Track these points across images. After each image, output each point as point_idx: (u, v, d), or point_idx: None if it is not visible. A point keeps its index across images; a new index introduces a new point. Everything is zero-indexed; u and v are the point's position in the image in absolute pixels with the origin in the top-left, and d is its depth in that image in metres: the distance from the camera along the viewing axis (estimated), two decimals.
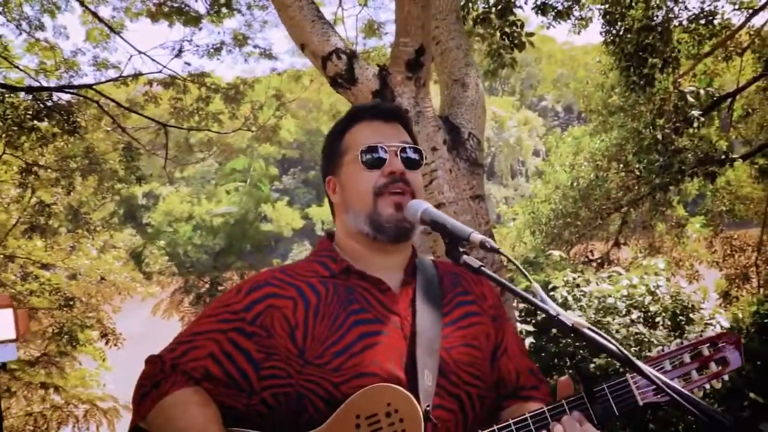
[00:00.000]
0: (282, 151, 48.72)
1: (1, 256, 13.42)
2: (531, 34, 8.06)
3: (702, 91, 9.94)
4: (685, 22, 9.72)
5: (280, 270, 1.65)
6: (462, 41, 4.49)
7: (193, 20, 11.65)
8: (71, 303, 13.73)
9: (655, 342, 5.00)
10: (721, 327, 5.27)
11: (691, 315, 5.36)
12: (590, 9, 9.76)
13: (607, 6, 9.14)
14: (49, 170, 12.58)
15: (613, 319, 5.29)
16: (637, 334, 5.10)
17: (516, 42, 7.98)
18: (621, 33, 9.14)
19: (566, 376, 1.47)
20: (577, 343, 5.24)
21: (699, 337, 1.57)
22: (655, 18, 9.13)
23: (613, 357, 1.21)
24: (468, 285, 1.71)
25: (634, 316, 5.41)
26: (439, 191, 3.78)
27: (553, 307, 1.27)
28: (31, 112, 10.66)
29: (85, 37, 12.47)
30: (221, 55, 12.63)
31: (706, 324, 5.27)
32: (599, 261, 13.55)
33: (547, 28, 9.38)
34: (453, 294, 1.66)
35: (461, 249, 1.45)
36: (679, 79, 10.49)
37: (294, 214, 47.21)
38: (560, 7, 8.97)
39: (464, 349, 1.57)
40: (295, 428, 1.46)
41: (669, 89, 10.04)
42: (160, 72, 12.18)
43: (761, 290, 12.39)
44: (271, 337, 1.51)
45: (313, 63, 4.08)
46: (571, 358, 5.07)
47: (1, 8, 11.19)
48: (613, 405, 1.46)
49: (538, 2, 8.64)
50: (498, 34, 8.05)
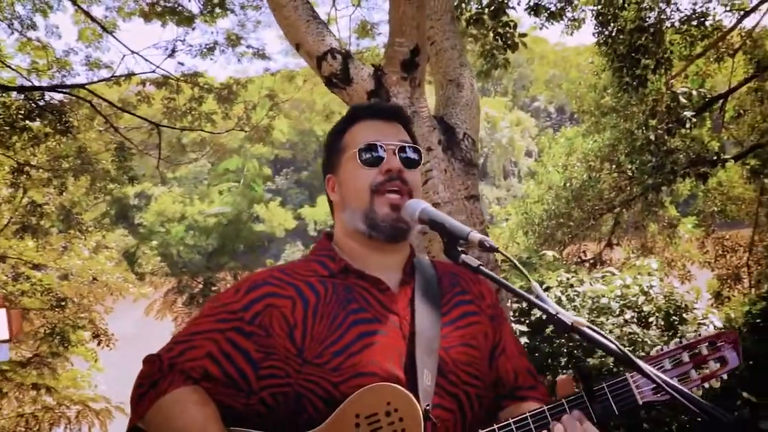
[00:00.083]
0: (275, 152, 48.55)
1: None
2: (524, 35, 8.08)
3: (694, 92, 9.99)
4: (677, 24, 9.75)
5: (278, 269, 1.65)
6: (457, 41, 4.50)
7: (186, 20, 11.63)
8: (63, 303, 13.67)
9: (649, 342, 5.02)
10: (714, 327, 5.29)
11: (684, 315, 5.38)
12: (583, 10, 9.78)
13: (599, 7, 9.17)
14: (41, 170, 12.51)
15: (607, 319, 5.31)
16: (630, 333, 5.12)
17: (509, 43, 8.00)
18: (614, 34, 9.17)
19: (566, 375, 1.47)
20: (571, 343, 5.26)
21: (697, 336, 1.57)
22: (647, 19, 9.16)
23: (613, 356, 1.22)
24: (466, 285, 1.71)
25: (627, 316, 5.43)
26: (434, 191, 3.78)
27: (553, 306, 1.28)
28: (23, 112, 10.61)
29: (77, 37, 12.42)
30: (214, 55, 12.62)
31: (699, 324, 5.29)
32: (592, 261, 13.59)
33: (540, 29, 9.41)
34: (451, 294, 1.66)
35: (459, 248, 1.45)
36: (672, 80, 10.52)
37: (286, 214, 47.07)
38: (553, 8, 9.01)
39: (463, 348, 1.58)
40: (294, 428, 1.45)
41: (661, 90, 10.06)
42: (153, 72, 12.16)
43: (753, 290, 12.44)
44: (270, 336, 1.51)
45: (308, 63, 4.07)
46: (570, 358, 5.09)
47: None
48: (613, 404, 1.46)
49: (531, 3, 8.67)
50: (491, 34, 8.06)
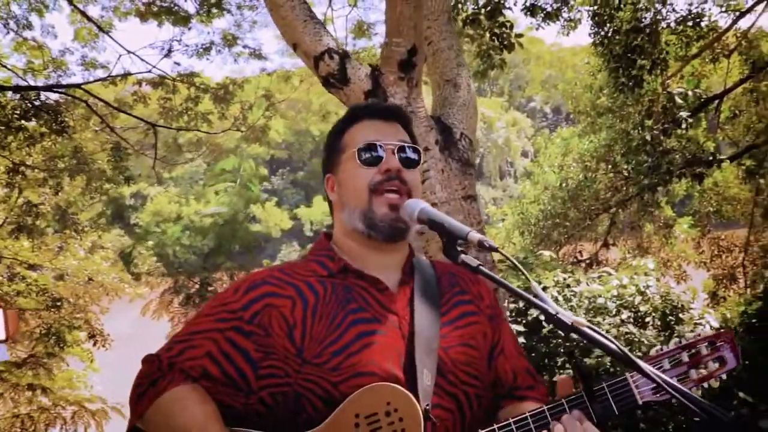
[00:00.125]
0: (270, 152, 48.56)
1: None
2: (520, 35, 8.08)
3: (690, 93, 10.01)
4: (672, 24, 9.78)
5: (278, 269, 1.65)
6: (454, 42, 4.50)
7: (182, 20, 11.60)
8: (59, 304, 13.61)
9: (646, 342, 5.02)
10: (711, 327, 5.30)
11: (680, 315, 5.39)
12: (579, 10, 9.80)
13: (595, 8, 9.18)
14: (36, 170, 12.47)
15: (604, 319, 5.32)
16: (627, 333, 5.12)
17: (505, 43, 8.00)
18: (609, 34, 9.18)
19: (566, 374, 1.47)
20: (568, 343, 5.26)
21: (696, 337, 1.57)
22: (643, 20, 9.18)
23: (613, 356, 1.22)
24: (465, 285, 1.71)
25: (624, 316, 5.43)
26: (431, 191, 3.79)
27: (552, 306, 1.28)
28: (18, 112, 10.58)
29: (73, 37, 12.37)
30: (211, 55, 12.59)
31: (695, 324, 5.30)
32: (588, 261, 13.60)
33: (536, 29, 9.42)
34: (451, 294, 1.66)
35: (459, 248, 1.45)
36: (668, 81, 10.54)
37: (282, 214, 47.07)
38: (549, 9, 9.01)
39: (462, 348, 1.58)
40: (294, 428, 1.45)
41: (657, 91, 10.08)
42: (149, 72, 12.11)
43: (748, 290, 12.47)
44: (269, 336, 1.51)
45: (305, 63, 4.07)
46: (571, 358, 5.09)
47: None
48: (613, 404, 1.46)
49: (527, 3, 8.68)
50: (487, 35, 8.06)
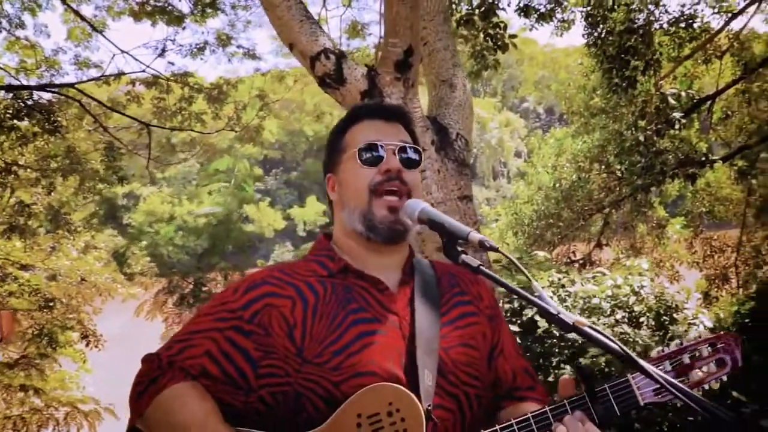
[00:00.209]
0: (264, 152, 48.48)
1: None
2: (514, 36, 8.10)
3: (683, 94, 10.05)
4: (665, 25, 9.80)
5: (278, 269, 1.65)
6: (449, 42, 4.52)
7: (176, 20, 11.58)
8: (51, 304, 13.52)
9: (640, 342, 5.04)
10: (705, 327, 5.32)
11: (674, 315, 5.41)
12: (572, 11, 9.82)
13: (589, 9, 9.21)
14: (29, 170, 12.38)
15: (598, 319, 5.32)
16: (621, 333, 5.13)
17: (499, 44, 8.02)
18: (603, 35, 9.20)
19: (567, 375, 1.47)
20: (563, 343, 5.27)
21: (697, 338, 1.58)
22: (636, 21, 9.20)
23: (615, 356, 1.22)
24: (465, 285, 1.72)
25: (618, 316, 5.44)
26: (428, 191, 3.80)
27: (554, 306, 1.28)
28: (11, 111, 10.50)
29: (66, 36, 12.34)
30: (204, 54, 12.56)
31: (689, 324, 5.32)
32: (581, 262, 13.63)
33: (530, 30, 9.44)
34: (450, 294, 1.67)
35: (459, 248, 1.46)
36: (661, 82, 10.58)
37: (276, 214, 46.99)
38: (543, 10, 9.04)
39: (462, 349, 1.58)
40: (294, 427, 1.45)
41: (650, 91, 10.11)
42: (142, 71, 12.09)
43: (741, 290, 12.53)
44: (269, 335, 1.51)
45: (301, 63, 4.08)
46: (571, 359, 5.10)
47: None
48: (615, 405, 1.46)
49: (521, 4, 8.71)
50: (481, 35, 8.08)
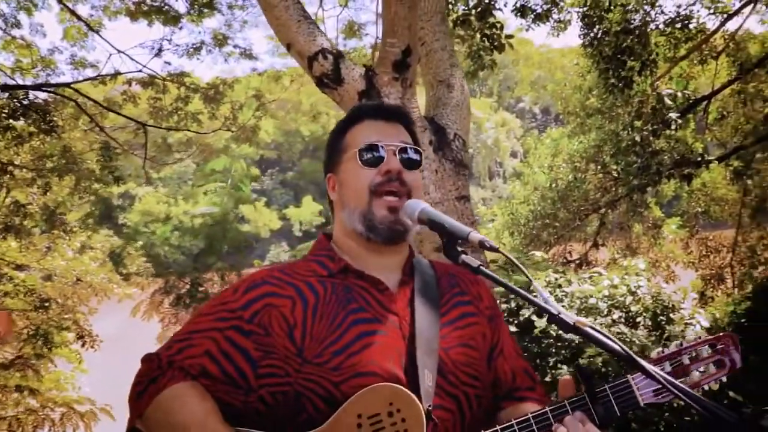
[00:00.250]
0: (260, 152, 48.42)
1: None
2: (510, 36, 8.12)
3: (679, 94, 10.08)
4: (661, 26, 9.84)
5: (278, 269, 1.65)
6: (447, 42, 4.52)
7: (172, 19, 11.56)
8: (47, 304, 13.48)
9: (637, 342, 5.04)
10: (701, 326, 5.33)
11: (671, 315, 5.42)
12: (569, 12, 9.84)
13: (585, 9, 9.23)
14: (24, 170, 12.35)
15: (595, 320, 5.32)
16: (618, 333, 5.13)
17: (496, 44, 8.03)
18: (599, 36, 9.23)
19: (568, 375, 1.47)
20: (560, 343, 5.27)
21: (697, 339, 1.58)
22: (632, 21, 9.24)
23: (617, 356, 1.22)
24: (465, 286, 1.72)
25: (615, 316, 5.44)
26: (425, 192, 3.80)
27: (555, 306, 1.28)
28: (6, 111, 10.47)
29: (62, 36, 12.29)
30: (201, 54, 12.56)
31: (686, 324, 5.32)
32: (577, 262, 13.65)
33: (527, 30, 9.45)
34: (450, 294, 1.67)
35: (459, 248, 1.46)
36: (657, 82, 10.60)
37: (271, 214, 46.94)
38: (539, 10, 9.05)
39: (462, 349, 1.58)
40: (295, 427, 1.45)
41: (647, 92, 10.13)
42: (139, 71, 12.07)
43: (736, 290, 12.56)
44: (269, 335, 1.51)
45: (298, 63, 4.08)
46: (571, 360, 5.09)
47: None
48: (615, 405, 1.46)
49: (518, 5, 8.72)
50: (478, 35, 8.09)
